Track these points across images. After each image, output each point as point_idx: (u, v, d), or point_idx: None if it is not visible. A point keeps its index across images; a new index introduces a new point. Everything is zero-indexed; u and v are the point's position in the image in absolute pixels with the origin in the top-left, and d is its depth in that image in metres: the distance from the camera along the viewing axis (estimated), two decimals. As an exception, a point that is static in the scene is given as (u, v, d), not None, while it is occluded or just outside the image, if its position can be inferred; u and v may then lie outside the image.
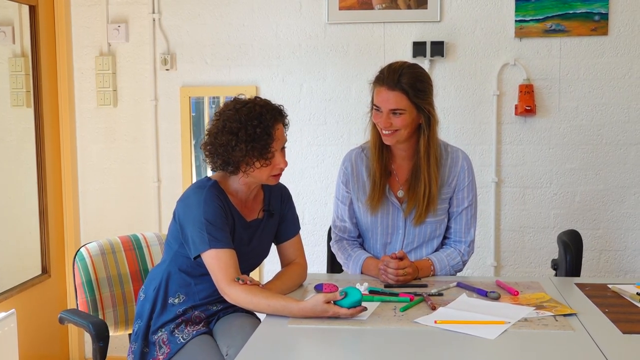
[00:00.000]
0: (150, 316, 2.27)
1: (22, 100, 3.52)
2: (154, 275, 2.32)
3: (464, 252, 2.55)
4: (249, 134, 2.13)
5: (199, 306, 2.27)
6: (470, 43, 3.56)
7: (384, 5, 3.56)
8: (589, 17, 3.48)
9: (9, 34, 3.47)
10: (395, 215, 2.53)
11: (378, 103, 2.40)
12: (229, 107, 2.20)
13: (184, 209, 2.20)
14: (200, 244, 2.13)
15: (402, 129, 2.39)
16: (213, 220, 2.13)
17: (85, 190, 3.84)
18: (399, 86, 2.36)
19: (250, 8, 3.66)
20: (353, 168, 2.57)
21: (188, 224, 2.16)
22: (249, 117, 2.15)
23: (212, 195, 2.17)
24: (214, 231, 2.12)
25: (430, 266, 2.47)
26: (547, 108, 3.56)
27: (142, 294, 2.33)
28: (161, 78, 3.74)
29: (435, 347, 1.83)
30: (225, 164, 2.18)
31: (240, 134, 2.13)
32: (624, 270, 3.61)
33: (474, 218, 2.59)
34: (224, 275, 2.10)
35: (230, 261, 2.12)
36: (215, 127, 2.19)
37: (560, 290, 2.30)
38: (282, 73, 3.68)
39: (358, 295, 1.99)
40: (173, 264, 2.27)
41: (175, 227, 2.24)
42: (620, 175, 3.57)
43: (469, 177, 2.54)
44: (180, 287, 2.26)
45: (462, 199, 2.55)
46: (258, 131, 2.14)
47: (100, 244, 2.54)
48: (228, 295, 2.10)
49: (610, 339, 1.85)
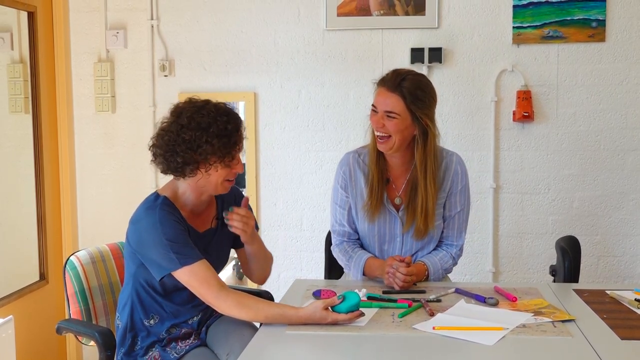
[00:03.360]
0: (134, 341, 2.20)
1: (20, 107, 3.52)
2: (123, 301, 2.23)
3: (454, 255, 2.55)
4: (220, 129, 2.06)
5: (180, 324, 2.21)
6: (468, 49, 3.57)
7: (382, 12, 3.57)
8: (586, 24, 3.49)
9: (8, 40, 3.47)
10: (393, 223, 2.52)
11: (376, 103, 2.41)
12: (190, 105, 2.12)
13: (139, 233, 2.09)
14: (169, 264, 2.04)
15: (394, 135, 2.37)
16: (175, 238, 2.06)
17: (83, 196, 3.83)
18: (399, 89, 2.35)
19: (248, 14, 3.67)
20: (351, 172, 2.56)
21: (148, 247, 2.07)
22: (218, 113, 2.09)
23: (166, 213, 2.08)
24: (180, 249, 2.05)
25: (425, 271, 2.47)
26: (545, 114, 3.56)
27: (119, 321, 2.25)
28: (159, 84, 3.74)
29: (434, 353, 1.83)
30: (184, 164, 2.08)
31: (211, 130, 2.05)
32: (622, 276, 3.61)
33: (466, 222, 2.59)
34: (208, 288, 2.04)
35: (208, 272, 2.06)
36: (176, 124, 2.08)
37: (558, 296, 2.29)
38: (280, 79, 3.69)
39: (356, 298, 1.99)
40: (134, 287, 2.19)
41: (129, 250, 2.15)
42: (618, 181, 3.57)
43: (462, 181, 2.53)
44: (150, 307, 2.19)
45: (455, 203, 2.54)
46: (229, 127, 2.08)
47: (90, 252, 2.51)
48: (219, 307, 2.05)
49: (609, 345, 1.84)
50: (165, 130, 2.11)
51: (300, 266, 3.71)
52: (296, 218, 3.72)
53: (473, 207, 3.59)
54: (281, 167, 3.71)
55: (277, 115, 3.69)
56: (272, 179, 3.73)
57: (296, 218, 3.72)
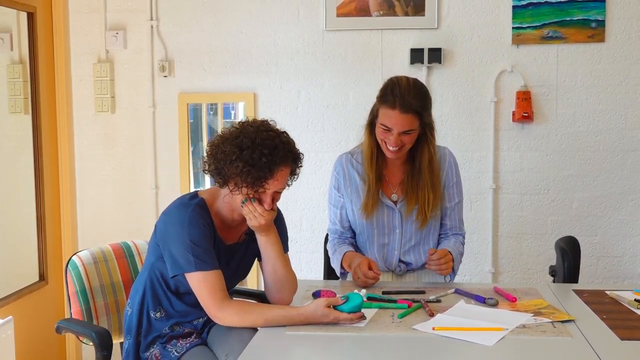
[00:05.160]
0: (139, 331, 2.22)
1: (20, 107, 3.52)
2: (136, 288, 2.27)
3: (462, 242, 2.62)
4: (252, 158, 2.03)
5: (183, 323, 2.23)
6: (468, 50, 3.57)
7: (382, 13, 3.57)
8: (585, 24, 3.49)
9: (7, 41, 3.47)
10: (391, 216, 2.56)
11: (389, 125, 2.40)
12: (253, 124, 2.12)
13: (166, 226, 2.13)
14: (185, 265, 2.06)
15: (408, 144, 2.45)
16: (198, 241, 2.07)
17: (82, 197, 3.83)
18: (412, 109, 2.38)
19: (248, 15, 3.67)
20: (345, 173, 2.61)
21: (171, 241, 2.09)
22: (263, 143, 2.05)
23: (197, 215, 2.10)
24: (200, 253, 2.06)
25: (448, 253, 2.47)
26: (544, 115, 3.56)
27: (129, 308, 2.27)
28: (159, 85, 3.74)
29: (434, 353, 1.83)
30: (217, 171, 2.10)
31: (244, 153, 2.04)
32: (621, 276, 3.61)
33: (462, 214, 2.67)
34: (213, 299, 2.05)
35: (218, 283, 2.06)
36: (230, 134, 2.10)
37: (558, 296, 2.30)
38: (280, 80, 3.69)
39: (359, 300, 2.00)
40: (149, 276, 2.21)
41: (154, 240, 2.18)
42: (618, 182, 3.57)
43: (456, 173, 2.61)
44: (159, 301, 2.21)
45: (453, 195, 2.60)
46: (263, 160, 2.03)
47: (92, 252, 2.52)
48: (220, 319, 2.06)
49: (609, 346, 1.85)
50: (221, 135, 2.14)
51: (299, 267, 3.71)
52: (296, 219, 3.72)
53: (473, 208, 3.62)
54: (281, 167, 3.71)
55: (277, 115, 3.68)
56: (271, 180, 3.72)
57: (296, 219, 3.72)
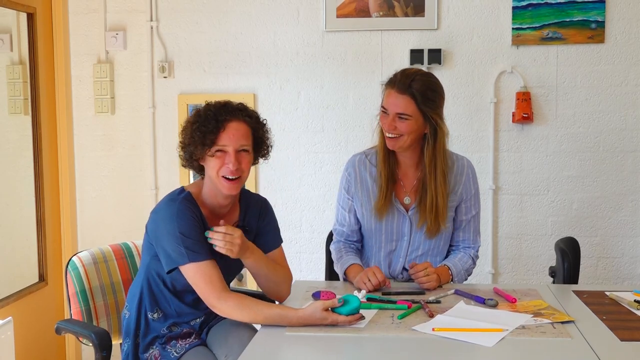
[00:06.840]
0: (137, 333, 2.23)
1: (19, 108, 3.52)
2: (133, 291, 2.28)
3: (473, 256, 2.57)
4: (200, 116, 2.14)
5: (181, 323, 2.23)
6: (468, 51, 3.57)
7: (382, 13, 3.57)
8: (585, 25, 3.49)
9: (7, 42, 3.47)
10: (401, 221, 2.52)
11: (386, 105, 2.41)
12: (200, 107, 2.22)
13: (156, 223, 2.15)
14: (178, 258, 2.07)
15: (406, 135, 2.39)
16: (188, 232, 2.08)
17: (82, 198, 3.83)
18: (409, 91, 2.36)
19: (248, 16, 3.67)
20: (356, 174, 2.56)
21: (162, 237, 2.11)
22: (207, 108, 2.16)
23: (184, 207, 2.12)
24: (191, 244, 2.07)
25: (447, 272, 2.47)
26: (544, 115, 3.57)
27: (127, 312, 2.28)
28: (159, 86, 3.74)
29: (433, 354, 1.83)
30: (190, 159, 2.17)
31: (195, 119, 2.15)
32: (621, 277, 3.61)
33: (479, 225, 2.61)
34: (211, 289, 2.05)
35: (213, 272, 2.07)
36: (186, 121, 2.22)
37: (558, 297, 2.29)
38: (279, 81, 3.69)
39: (356, 302, 1.99)
40: (146, 277, 2.23)
41: (147, 240, 2.20)
42: (618, 183, 3.57)
43: (474, 185, 2.56)
44: (156, 301, 2.22)
45: (470, 208, 2.56)
46: (209, 114, 2.13)
47: (92, 253, 2.53)
48: (220, 309, 2.06)
49: (608, 347, 1.84)
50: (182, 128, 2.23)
51: (299, 267, 3.71)
52: (295, 219, 3.72)
53: (472, 209, 3.60)
54: (280, 168, 3.71)
55: (277, 116, 3.68)
56: (271, 181, 3.73)
57: (295, 219, 3.72)
